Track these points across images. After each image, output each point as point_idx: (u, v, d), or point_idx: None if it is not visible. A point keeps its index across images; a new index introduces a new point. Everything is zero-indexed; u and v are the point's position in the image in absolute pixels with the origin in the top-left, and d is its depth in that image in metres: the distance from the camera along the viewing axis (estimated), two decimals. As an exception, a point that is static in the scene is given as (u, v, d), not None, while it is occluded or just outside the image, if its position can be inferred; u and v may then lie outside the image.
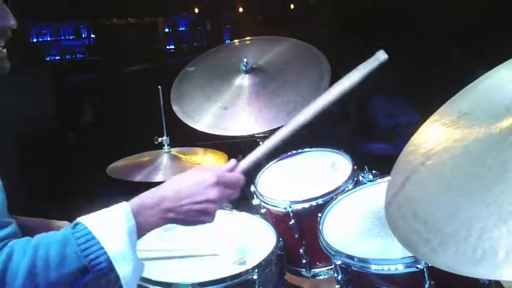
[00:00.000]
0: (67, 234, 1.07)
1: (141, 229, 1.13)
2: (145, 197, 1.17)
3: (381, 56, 1.26)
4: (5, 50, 1.22)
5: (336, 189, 1.82)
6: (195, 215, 1.20)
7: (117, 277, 1.08)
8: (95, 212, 1.13)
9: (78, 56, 8.29)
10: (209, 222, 1.24)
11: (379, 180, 1.82)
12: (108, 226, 1.08)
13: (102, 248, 1.05)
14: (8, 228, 1.07)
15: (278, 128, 1.36)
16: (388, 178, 1.36)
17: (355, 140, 5.11)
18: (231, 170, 1.27)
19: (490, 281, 1.40)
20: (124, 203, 1.15)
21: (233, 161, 1.29)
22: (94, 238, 1.06)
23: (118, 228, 1.09)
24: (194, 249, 1.67)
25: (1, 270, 1.00)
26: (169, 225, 1.77)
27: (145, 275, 1.49)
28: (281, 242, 1.70)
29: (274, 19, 7.05)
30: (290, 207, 1.81)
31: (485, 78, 1.30)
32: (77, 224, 1.09)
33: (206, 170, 1.27)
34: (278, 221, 1.86)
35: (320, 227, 1.65)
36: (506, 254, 0.84)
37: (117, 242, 1.08)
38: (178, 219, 1.19)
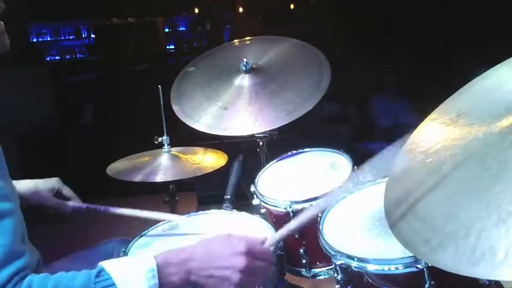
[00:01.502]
0: (89, 282, 1.04)
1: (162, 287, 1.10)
2: (173, 254, 1.15)
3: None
4: (2, 23, 1.18)
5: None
6: (217, 282, 1.14)
7: None
8: (119, 260, 1.12)
9: (78, 56, 8.30)
10: None
11: (379, 180, 1.82)
12: (131, 281, 1.06)
13: None
14: (24, 258, 1.04)
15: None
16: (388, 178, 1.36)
17: (355, 140, 5.11)
18: (263, 242, 1.24)
19: (490, 281, 1.40)
20: (150, 256, 1.12)
21: (266, 235, 1.28)
22: None
23: (141, 285, 1.06)
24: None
25: None
26: (170, 226, 1.79)
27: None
28: (281, 242, 1.70)
29: (274, 19, 7.06)
30: (290, 207, 1.81)
31: (484, 77, 1.30)
32: (100, 271, 1.07)
33: (239, 238, 1.22)
34: (278, 221, 1.85)
35: (320, 227, 1.65)
36: (506, 254, 0.84)
37: None
38: (200, 282, 1.14)
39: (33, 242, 1.36)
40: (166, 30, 8.48)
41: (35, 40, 7.89)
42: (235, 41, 2.59)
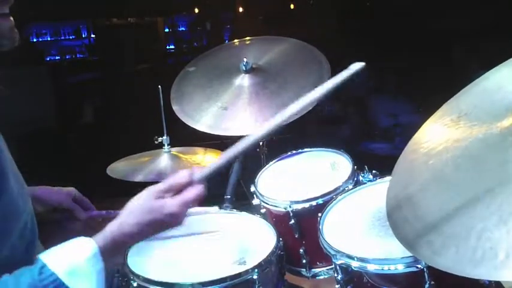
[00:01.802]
0: (34, 282, 1.02)
1: (108, 264, 1.13)
2: (106, 230, 1.17)
3: (357, 66, 1.26)
4: (12, 18, 1.17)
5: (336, 189, 1.82)
6: (155, 230, 1.22)
7: None
8: (58, 250, 1.09)
9: (78, 56, 8.29)
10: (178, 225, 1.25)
11: (379, 180, 1.82)
12: (77, 272, 1.05)
13: None
14: None
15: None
16: (388, 178, 1.36)
17: (355, 140, 5.11)
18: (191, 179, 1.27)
19: (490, 281, 1.39)
20: (89, 240, 1.13)
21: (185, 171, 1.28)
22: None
23: (87, 273, 1.07)
24: (194, 249, 1.67)
25: None
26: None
27: (146, 275, 1.50)
28: (281, 242, 1.70)
29: (274, 19, 7.05)
30: (290, 207, 1.81)
31: (485, 78, 1.30)
32: (42, 267, 1.04)
33: (157, 188, 1.27)
34: (278, 221, 1.85)
35: (320, 227, 1.65)
36: (506, 254, 0.84)
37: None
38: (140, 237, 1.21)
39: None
40: (166, 30, 8.46)
41: (35, 40, 7.89)
42: (235, 41, 2.59)
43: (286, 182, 2.02)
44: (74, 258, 1.08)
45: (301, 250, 1.84)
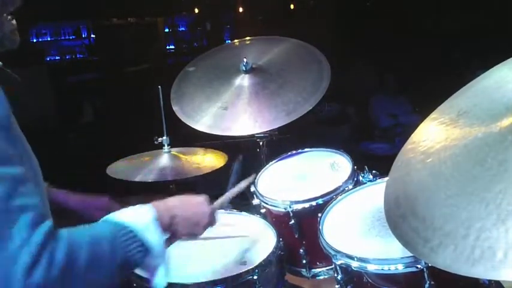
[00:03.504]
0: (116, 232, 1.09)
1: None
2: (161, 203, 1.25)
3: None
4: (14, 21, 1.22)
5: (336, 189, 1.82)
6: (190, 225, 1.30)
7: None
8: (128, 211, 1.18)
9: (78, 56, 8.29)
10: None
11: (379, 180, 1.82)
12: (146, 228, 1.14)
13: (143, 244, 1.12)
14: (50, 217, 1.04)
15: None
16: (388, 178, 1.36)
17: (355, 140, 5.11)
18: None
19: (489, 281, 1.40)
20: (149, 206, 1.21)
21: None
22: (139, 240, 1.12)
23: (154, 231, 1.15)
24: (194, 250, 1.68)
25: (66, 253, 0.97)
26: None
27: (145, 275, 1.50)
28: (281, 242, 1.70)
29: (274, 19, 7.05)
30: (290, 207, 1.81)
31: (485, 77, 1.30)
32: (120, 223, 1.12)
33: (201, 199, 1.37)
34: (278, 221, 1.86)
35: (320, 227, 1.65)
36: (505, 253, 0.84)
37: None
38: (179, 225, 1.26)
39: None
40: (166, 30, 8.47)
41: (35, 40, 7.89)
42: (235, 41, 2.60)
43: (286, 182, 2.02)
44: (142, 217, 1.17)
45: (301, 250, 1.84)
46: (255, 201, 1.95)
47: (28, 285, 0.91)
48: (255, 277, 1.52)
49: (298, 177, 2.03)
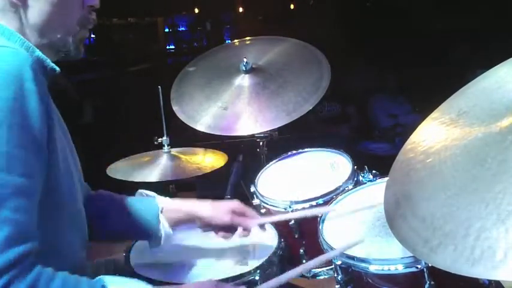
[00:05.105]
0: None
1: None
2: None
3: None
4: (87, 31, 1.23)
5: (336, 189, 1.82)
6: None
7: None
8: (120, 279, 1.13)
9: (78, 56, 8.28)
10: None
11: (379, 180, 1.82)
12: None
13: None
14: (36, 242, 0.96)
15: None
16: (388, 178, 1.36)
17: (355, 140, 5.11)
18: None
19: (490, 281, 1.40)
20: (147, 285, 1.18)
21: None
22: None
23: None
24: (195, 250, 1.68)
25: None
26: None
27: (146, 275, 1.50)
28: (283, 243, 1.70)
29: (274, 19, 7.06)
30: (290, 207, 1.81)
31: (485, 77, 1.30)
32: (103, 286, 1.06)
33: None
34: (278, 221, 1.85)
35: (320, 227, 1.65)
36: (505, 253, 0.84)
37: None
38: None
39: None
40: (166, 30, 8.48)
41: (35, 40, 7.89)
42: (235, 41, 2.60)
43: (286, 182, 2.02)
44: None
45: (301, 250, 1.84)
46: (255, 201, 1.95)
47: None
48: (257, 278, 1.51)
49: (298, 177, 2.03)
